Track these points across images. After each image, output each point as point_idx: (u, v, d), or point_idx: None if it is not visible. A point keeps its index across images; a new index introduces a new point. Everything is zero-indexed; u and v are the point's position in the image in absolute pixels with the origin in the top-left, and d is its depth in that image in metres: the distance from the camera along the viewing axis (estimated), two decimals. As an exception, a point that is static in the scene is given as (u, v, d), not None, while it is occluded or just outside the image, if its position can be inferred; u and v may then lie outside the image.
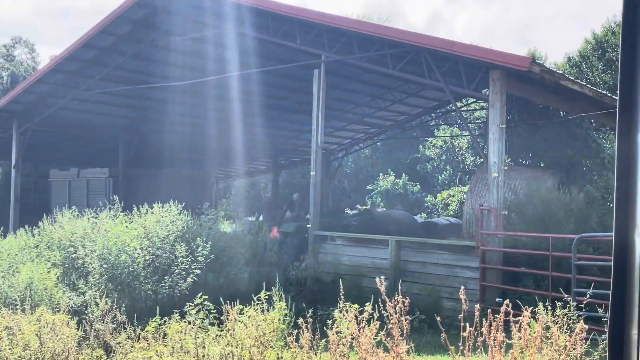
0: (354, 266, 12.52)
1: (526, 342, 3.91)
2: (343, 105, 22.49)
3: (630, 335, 1.54)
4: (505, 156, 12.58)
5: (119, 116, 21.51)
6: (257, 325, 4.87)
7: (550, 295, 9.29)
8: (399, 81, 18.83)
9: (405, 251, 12.18)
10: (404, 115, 24.22)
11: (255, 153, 27.54)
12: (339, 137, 26.69)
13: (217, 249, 11.37)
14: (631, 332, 1.53)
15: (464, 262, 11.27)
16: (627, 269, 1.57)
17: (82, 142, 22.82)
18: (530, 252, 10.83)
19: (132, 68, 17.82)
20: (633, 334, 1.52)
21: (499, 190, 11.18)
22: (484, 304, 9.92)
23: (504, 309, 3.81)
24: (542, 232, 10.94)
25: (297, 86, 19.50)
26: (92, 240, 10.82)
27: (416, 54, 12.45)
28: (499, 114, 11.20)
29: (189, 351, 4.70)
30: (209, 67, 17.13)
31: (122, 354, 5.72)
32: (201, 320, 6.38)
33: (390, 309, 3.91)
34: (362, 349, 3.96)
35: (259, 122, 22.44)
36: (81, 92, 18.29)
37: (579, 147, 16.46)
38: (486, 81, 11.71)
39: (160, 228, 10.82)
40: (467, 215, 15.20)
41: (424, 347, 9.01)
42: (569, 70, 24.07)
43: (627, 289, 1.56)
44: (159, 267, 10.46)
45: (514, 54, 11.07)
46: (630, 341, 1.54)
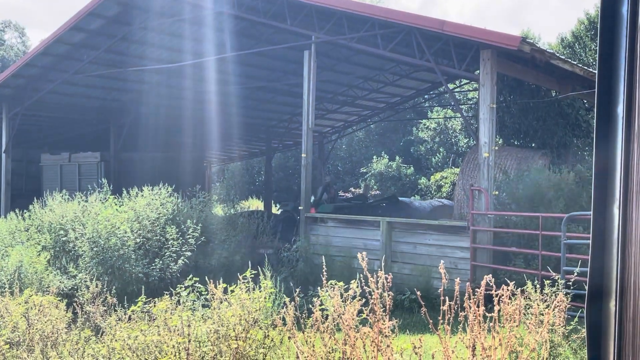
0: (345, 247, 12.55)
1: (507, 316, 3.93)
2: (335, 88, 22.42)
3: (608, 308, 1.54)
4: (496, 137, 12.58)
5: (110, 100, 21.38)
6: (243, 304, 4.88)
7: (540, 274, 9.36)
8: (391, 63, 18.76)
9: (397, 232, 12.21)
10: (397, 97, 24.17)
11: (248, 136, 27.50)
12: (332, 120, 26.63)
13: (208, 232, 11.39)
14: (609, 304, 1.53)
15: (455, 242, 11.31)
16: (606, 241, 1.57)
17: (73, 126, 22.69)
18: (520, 231, 10.89)
19: (123, 51, 17.68)
20: (611, 305, 1.52)
21: (489, 171, 11.18)
22: (475, 283, 9.99)
23: (484, 283, 3.82)
24: (532, 211, 10.99)
25: (289, 68, 19.41)
26: (83, 224, 10.82)
27: (407, 34, 12.39)
28: (490, 94, 11.18)
29: (174, 329, 4.71)
30: (200, 50, 17.03)
31: (111, 334, 5.73)
32: (192, 302, 6.40)
33: (372, 284, 3.91)
34: (345, 325, 3.97)
35: (251, 105, 22.39)
36: (71, 75, 18.14)
37: (570, 127, 16.48)
38: (477, 61, 11.67)
39: (150, 211, 10.82)
40: (458, 196, 15.24)
41: (414, 326, 9.08)
42: (562, 51, 24.01)
43: (605, 261, 1.55)
44: (149, 249, 10.48)
45: (505, 33, 11.02)
46: (609, 313, 1.54)
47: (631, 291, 1.44)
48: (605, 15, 1.52)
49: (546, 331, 3.96)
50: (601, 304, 1.57)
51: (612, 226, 1.53)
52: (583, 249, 9.94)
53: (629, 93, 1.45)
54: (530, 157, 14.49)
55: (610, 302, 1.53)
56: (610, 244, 1.55)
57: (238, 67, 18.23)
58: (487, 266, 10.71)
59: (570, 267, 8.64)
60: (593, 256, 1.59)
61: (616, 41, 1.51)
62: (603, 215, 1.56)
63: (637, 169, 1.41)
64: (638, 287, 1.42)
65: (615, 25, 1.47)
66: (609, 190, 1.54)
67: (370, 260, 4.78)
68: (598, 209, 1.57)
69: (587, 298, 1.59)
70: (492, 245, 10.99)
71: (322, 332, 4.15)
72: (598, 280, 1.58)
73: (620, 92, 1.49)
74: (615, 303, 1.50)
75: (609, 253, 1.55)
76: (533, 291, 6.99)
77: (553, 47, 25.25)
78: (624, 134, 1.46)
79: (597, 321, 1.58)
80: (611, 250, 1.54)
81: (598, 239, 1.58)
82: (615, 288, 1.50)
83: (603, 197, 1.56)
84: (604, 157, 1.54)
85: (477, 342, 3.55)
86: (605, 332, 1.55)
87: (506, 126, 17.46)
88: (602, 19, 1.51)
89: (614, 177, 1.51)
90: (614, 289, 1.51)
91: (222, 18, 15.47)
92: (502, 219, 11.46)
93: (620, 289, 1.47)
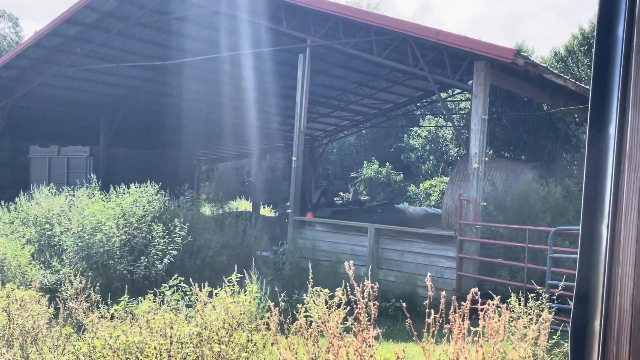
0: (332, 253, 12.54)
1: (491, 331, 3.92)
2: (328, 92, 22.42)
3: (593, 326, 1.53)
4: (487, 148, 12.62)
5: (102, 94, 21.26)
6: (227, 307, 4.85)
7: (525, 286, 9.38)
8: (384, 69, 18.79)
9: (384, 239, 12.22)
10: (390, 104, 24.21)
11: (239, 137, 27.43)
12: (324, 124, 26.63)
13: (195, 231, 11.33)
14: (594, 322, 1.53)
15: (442, 251, 11.32)
16: (593, 260, 1.56)
17: (64, 120, 22.55)
18: (507, 243, 10.93)
19: (117, 45, 17.59)
20: (596, 324, 1.52)
21: (478, 181, 11.22)
22: (460, 293, 10.01)
23: (470, 297, 3.82)
24: (519, 223, 11.03)
25: (283, 71, 19.40)
26: (69, 218, 10.74)
27: (402, 41, 12.42)
28: (482, 105, 11.22)
29: (157, 331, 4.67)
30: (194, 48, 16.98)
31: (93, 332, 5.67)
32: (176, 302, 6.35)
33: (358, 293, 3.90)
34: (330, 333, 3.95)
35: (243, 105, 22.33)
36: (63, 68, 18.03)
37: (560, 141, 16.57)
38: (471, 72, 11.72)
39: (137, 208, 10.76)
40: (447, 205, 15.27)
41: (398, 334, 9.07)
42: (555, 65, 24.15)
43: (592, 280, 1.55)
44: (135, 247, 10.41)
45: (499, 45, 11.07)
46: (593, 332, 1.53)
47: (616, 311, 1.44)
48: (600, 36, 1.52)
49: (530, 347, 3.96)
50: (587, 323, 1.57)
51: (600, 245, 1.53)
52: (568, 263, 9.98)
53: (621, 113, 1.45)
54: (519, 169, 14.56)
55: (595, 321, 1.53)
56: (597, 262, 1.54)
57: (230, 67, 18.19)
58: (473, 276, 10.73)
59: (555, 281, 8.66)
60: (580, 274, 1.58)
61: (611, 62, 1.51)
62: (591, 234, 1.56)
63: (627, 189, 1.41)
64: (623, 307, 1.41)
65: (610, 46, 1.47)
66: (598, 208, 1.53)
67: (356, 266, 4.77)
68: (587, 227, 1.56)
69: (573, 316, 1.58)
70: (478, 256, 11.01)
71: (305, 338, 4.13)
72: (584, 299, 1.57)
73: (613, 112, 1.49)
74: (600, 322, 1.49)
75: (595, 272, 1.55)
76: (517, 304, 7.00)
77: (546, 60, 25.40)
78: (615, 154, 1.45)
79: (582, 339, 1.57)
80: (598, 269, 1.54)
81: (585, 256, 1.58)
82: (601, 307, 1.49)
83: (592, 215, 1.55)
84: (595, 176, 1.54)
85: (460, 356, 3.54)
86: (589, 350, 1.54)
87: (497, 138, 17.53)
88: (598, 39, 1.51)
89: (604, 196, 1.50)
90: (600, 308, 1.50)
91: (219, 17, 15.44)
92: (489, 230, 11.50)
93: (606, 308, 1.47)
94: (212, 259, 11.44)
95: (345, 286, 4.34)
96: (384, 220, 15.10)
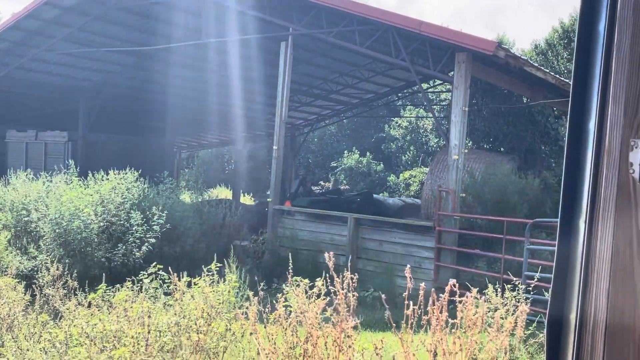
0: (312, 242, 12.56)
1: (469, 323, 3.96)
2: (310, 81, 22.36)
3: (569, 320, 1.55)
4: (466, 139, 12.69)
5: (81, 79, 20.96)
6: (206, 297, 4.84)
7: (502, 277, 9.49)
8: (367, 59, 18.77)
9: (364, 229, 12.26)
10: (371, 94, 24.22)
11: (221, 125, 27.26)
12: (305, 113, 26.57)
13: (174, 219, 11.27)
14: (570, 316, 1.54)
15: (420, 241, 11.40)
16: (570, 254, 1.57)
17: (42, 104, 22.20)
18: (485, 234, 11.04)
19: (97, 30, 17.34)
20: (571, 318, 1.53)
21: (458, 173, 11.29)
22: (438, 283, 10.09)
23: (449, 289, 3.85)
24: (497, 215, 11.14)
25: (267, 59, 19.28)
26: (46, 205, 10.62)
27: (384, 32, 12.41)
28: (463, 97, 11.27)
29: (134, 319, 4.65)
30: (177, 35, 16.79)
31: (69, 319, 5.62)
32: (154, 290, 6.31)
33: (337, 284, 3.91)
34: (309, 323, 3.96)
35: (224, 93, 22.18)
36: (42, 52, 17.75)
37: (539, 133, 16.73)
38: (452, 63, 11.75)
39: (115, 195, 10.66)
40: (426, 196, 15.36)
41: (376, 323, 9.12)
42: (535, 58, 24.33)
43: (569, 274, 1.56)
44: (113, 234, 10.33)
45: (480, 37, 11.12)
46: (569, 325, 1.54)
47: (592, 305, 1.46)
48: (582, 32, 1.52)
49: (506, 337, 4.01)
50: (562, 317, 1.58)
51: (578, 240, 1.54)
52: (545, 254, 10.11)
53: (601, 109, 1.46)
54: (498, 161, 14.68)
55: (571, 315, 1.54)
56: (574, 257, 1.56)
57: (211, 54, 18.04)
58: (451, 267, 10.83)
59: (531, 272, 8.77)
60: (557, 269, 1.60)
61: (591, 58, 1.52)
62: (569, 228, 1.57)
63: (605, 184, 1.43)
64: (599, 301, 1.43)
65: (591, 42, 1.48)
66: (576, 203, 1.54)
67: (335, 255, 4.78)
68: (565, 222, 1.58)
69: (549, 309, 1.60)
70: (456, 247, 11.11)
71: (284, 328, 4.14)
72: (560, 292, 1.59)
73: (593, 107, 1.50)
74: (576, 316, 1.51)
75: (572, 266, 1.56)
76: (494, 295, 7.08)
77: (527, 53, 25.57)
78: (594, 150, 1.46)
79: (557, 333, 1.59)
80: (575, 263, 1.55)
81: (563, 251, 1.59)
82: (577, 301, 1.51)
83: (570, 210, 1.56)
84: (574, 171, 1.55)
85: (438, 347, 3.58)
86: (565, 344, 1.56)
87: (477, 129, 17.65)
88: (579, 35, 1.51)
89: (582, 191, 1.52)
90: (576, 302, 1.52)
91: (201, 3, 15.29)
92: (467, 221, 11.59)
93: (582, 302, 1.48)
94: (192, 247, 11.40)
95: (325, 276, 4.35)
96: (362, 210, 15.13)
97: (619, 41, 1.38)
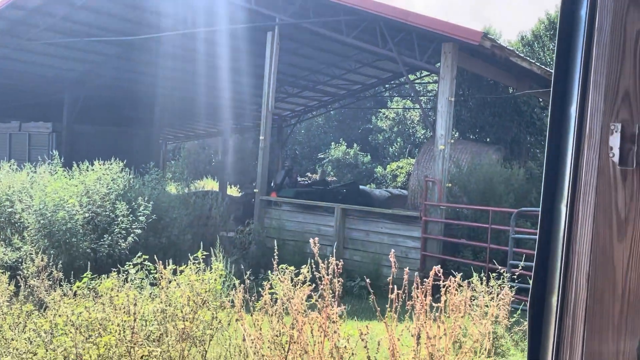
0: (299, 232, 12.58)
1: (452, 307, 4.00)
2: (297, 72, 22.29)
3: (550, 302, 1.57)
4: (453, 130, 12.74)
5: (66, 69, 20.74)
6: (192, 285, 4.84)
7: (487, 266, 9.57)
8: (354, 50, 18.73)
9: (350, 219, 12.29)
10: (358, 85, 24.20)
11: (207, 116, 27.14)
12: (292, 104, 26.52)
13: (160, 210, 11.23)
14: (551, 299, 1.56)
15: (407, 231, 11.45)
16: (552, 238, 1.60)
17: (26, 95, 21.96)
18: (470, 224, 11.11)
19: (81, 20, 17.16)
20: (553, 301, 1.55)
21: (444, 163, 11.34)
22: (424, 273, 10.15)
23: (432, 273, 3.88)
24: (483, 205, 11.21)
25: (254, 50, 19.18)
26: (30, 195, 10.54)
27: (371, 22, 12.40)
28: (449, 87, 11.31)
29: (120, 308, 4.64)
30: (162, 25, 16.65)
31: (54, 309, 5.60)
32: (140, 280, 6.30)
33: (322, 270, 3.93)
34: (294, 310, 3.98)
35: (211, 84, 22.08)
36: (25, 41, 17.54)
37: (525, 124, 16.83)
38: (438, 54, 11.78)
39: (100, 185, 10.60)
40: (412, 187, 15.42)
41: (363, 312, 9.17)
42: (521, 49, 24.43)
43: (550, 257, 1.58)
44: (98, 225, 10.28)
45: (467, 27, 11.14)
46: (550, 307, 1.57)
47: (573, 287, 1.48)
48: (564, 17, 1.54)
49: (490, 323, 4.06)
50: (544, 299, 1.60)
51: (559, 223, 1.56)
52: (530, 243, 10.20)
53: (582, 94, 1.47)
54: (484, 151, 14.75)
55: (552, 297, 1.56)
56: (556, 240, 1.58)
57: (198, 44, 17.92)
58: (437, 256, 10.90)
59: (516, 261, 8.85)
60: (539, 252, 1.62)
61: (573, 43, 1.53)
62: (551, 212, 1.59)
63: (586, 169, 1.45)
64: (580, 283, 1.45)
65: (573, 28, 1.50)
66: (558, 188, 1.56)
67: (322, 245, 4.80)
68: (546, 206, 1.60)
69: (531, 292, 1.62)
70: (442, 236, 11.18)
71: (270, 315, 4.16)
72: (542, 275, 1.61)
73: (574, 93, 1.52)
74: (557, 298, 1.53)
75: (554, 249, 1.58)
76: (479, 283, 7.15)
77: (513, 44, 25.66)
78: (575, 135, 1.48)
79: (539, 315, 1.61)
80: (556, 247, 1.57)
81: (545, 235, 1.61)
82: (558, 284, 1.53)
83: (552, 195, 1.58)
84: (555, 156, 1.57)
85: (422, 331, 3.61)
86: (546, 326, 1.58)
87: (463, 120, 17.71)
88: (561, 21, 1.53)
89: (564, 175, 1.53)
90: (557, 284, 1.54)
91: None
92: (453, 210, 11.66)
93: (563, 284, 1.50)
94: (178, 237, 11.37)
95: (310, 264, 4.37)
96: (348, 201, 15.15)
97: (599, 27, 1.40)
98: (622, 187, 1.36)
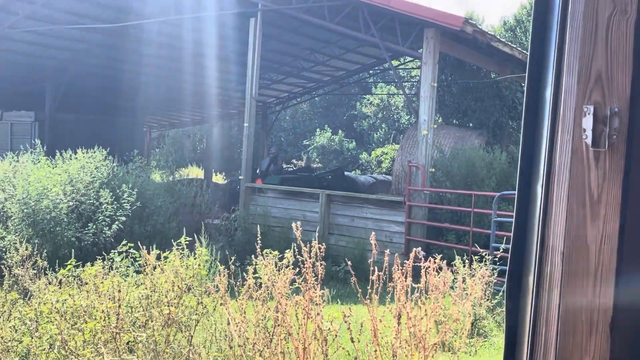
0: (284, 219, 12.61)
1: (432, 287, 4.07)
2: (281, 58, 22.20)
3: (527, 282, 1.61)
4: (436, 115, 12.80)
5: (47, 57, 20.49)
6: (176, 271, 4.86)
7: (470, 249, 9.68)
8: (337, 36, 18.69)
9: (335, 205, 12.34)
10: (342, 71, 24.16)
11: (191, 103, 26.99)
12: (277, 91, 26.42)
13: (145, 198, 11.20)
14: (528, 279, 1.61)
15: (391, 216, 11.53)
16: (528, 218, 1.63)
17: (7, 84, 21.68)
18: (453, 208, 11.21)
19: (62, 7, 16.94)
20: (529, 280, 1.59)
21: (427, 148, 11.41)
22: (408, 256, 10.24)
23: (413, 255, 3.94)
24: (465, 189, 11.31)
25: (235, 36, 19.07)
26: (13, 185, 10.46)
27: (354, 8, 12.39)
28: (431, 72, 11.35)
29: (105, 294, 4.65)
30: (146, 12, 16.48)
31: (39, 297, 5.60)
32: (125, 268, 6.31)
33: (305, 254, 3.97)
34: (277, 293, 4.02)
35: (195, 71, 21.94)
36: (5, 29, 17.30)
37: (507, 108, 16.93)
38: (421, 39, 11.80)
39: (84, 174, 10.55)
40: (397, 172, 15.49)
41: (347, 296, 9.24)
42: (504, 34, 24.50)
43: (527, 237, 1.62)
44: (82, 213, 10.24)
45: (449, 12, 11.18)
46: (527, 287, 1.61)
47: (548, 266, 1.52)
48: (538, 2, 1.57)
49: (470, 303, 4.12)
50: (521, 279, 1.64)
51: (535, 204, 1.60)
52: (512, 226, 10.30)
53: (557, 77, 1.51)
54: (467, 136, 14.84)
55: (529, 277, 1.60)
56: (532, 221, 1.62)
57: (180, 31, 17.78)
58: (421, 240, 10.99)
59: (498, 244, 8.96)
60: (515, 232, 1.66)
61: (548, 27, 1.57)
62: (527, 194, 1.63)
63: (560, 150, 1.48)
64: (555, 262, 1.49)
65: (547, 12, 1.53)
66: (534, 169, 1.60)
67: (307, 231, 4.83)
68: (523, 187, 1.63)
69: (508, 272, 1.66)
70: (426, 221, 11.27)
71: (254, 299, 4.19)
72: (519, 255, 1.65)
73: (549, 76, 1.55)
74: (533, 279, 1.57)
75: (530, 229, 1.62)
76: (461, 266, 7.24)
77: (496, 30, 25.73)
78: (550, 117, 1.52)
79: (516, 294, 1.65)
80: (533, 227, 1.61)
81: (521, 215, 1.65)
82: (534, 263, 1.57)
83: (528, 176, 1.62)
84: (531, 138, 1.61)
85: (402, 311, 3.66)
86: (523, 305, 1.63)
87: (446, 105, 17.78)
88: (536, 6, 1.56)
89: (540, 157, 1.57)
90: (533, 265, 1.58)
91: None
92: (437, 195, 11.75)
93: (538, 264, 1.55)
94: (163, 225, 11.36)
95: (293, 248, 4.40)
96: (333, 187, 15.18)
97: (572, 11, 1.43)
98: (595, 168, 1.39)
